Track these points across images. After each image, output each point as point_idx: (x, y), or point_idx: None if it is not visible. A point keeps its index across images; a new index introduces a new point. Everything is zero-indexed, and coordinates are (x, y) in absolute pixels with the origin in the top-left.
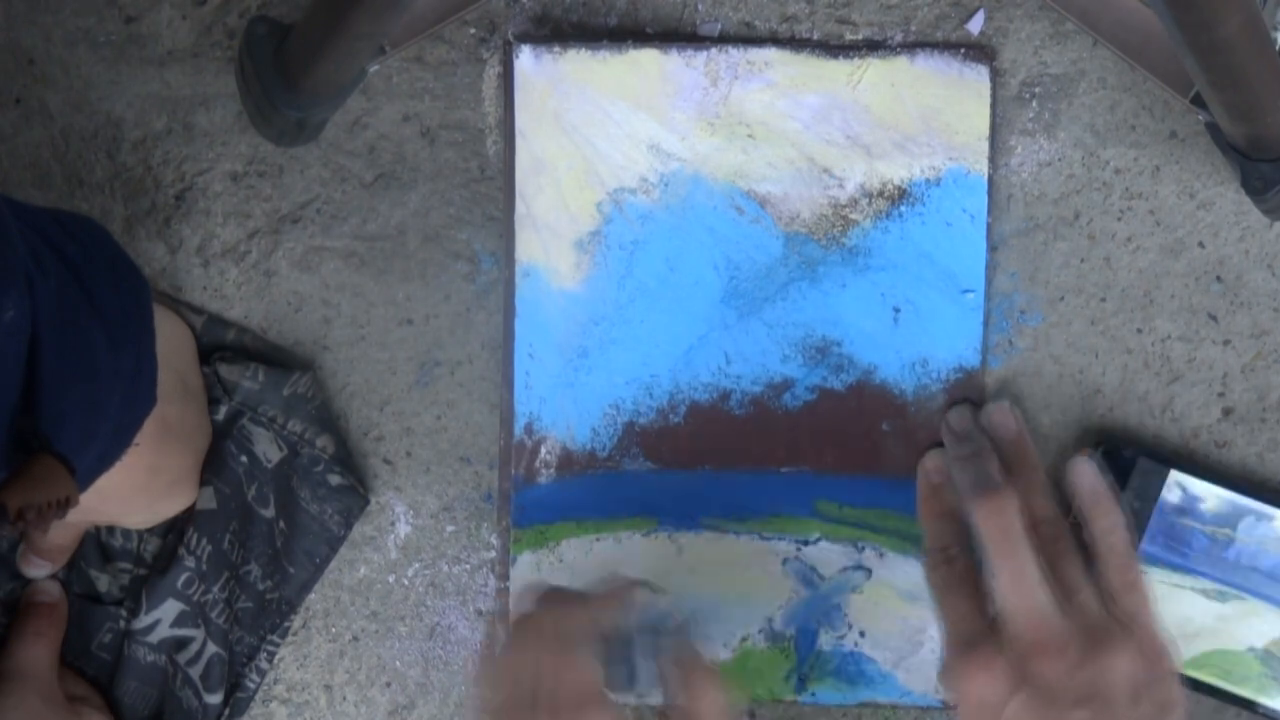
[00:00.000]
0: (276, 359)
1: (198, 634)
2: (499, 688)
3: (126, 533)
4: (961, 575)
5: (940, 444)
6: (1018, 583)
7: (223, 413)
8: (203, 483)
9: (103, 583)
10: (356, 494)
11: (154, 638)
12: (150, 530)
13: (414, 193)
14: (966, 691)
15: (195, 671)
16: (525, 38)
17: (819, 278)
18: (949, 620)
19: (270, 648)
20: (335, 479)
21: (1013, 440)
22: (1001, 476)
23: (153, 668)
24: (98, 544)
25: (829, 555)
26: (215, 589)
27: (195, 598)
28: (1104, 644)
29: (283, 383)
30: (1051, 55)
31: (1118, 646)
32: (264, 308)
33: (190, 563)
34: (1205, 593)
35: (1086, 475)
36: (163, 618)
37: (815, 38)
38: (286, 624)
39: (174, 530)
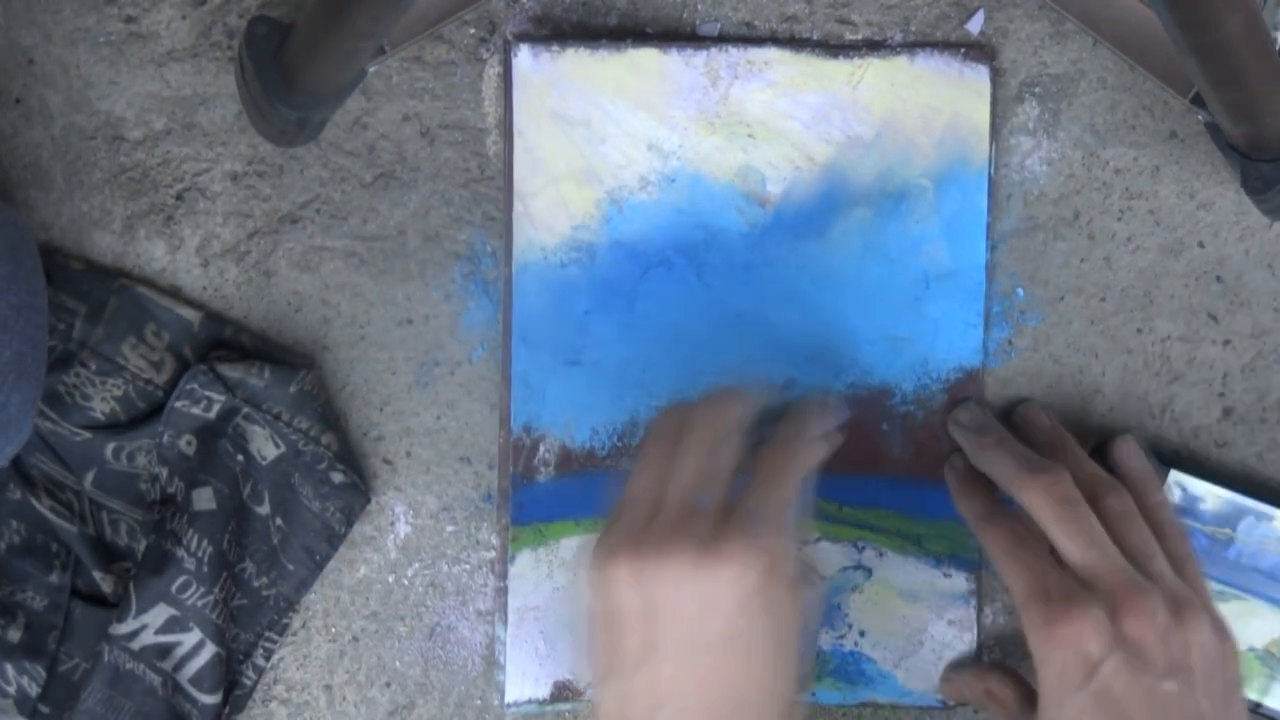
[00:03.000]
0: (275, 356)
1: (186, 638)
2: (637, 483)
3: (131, 530)
4: (1024, 533)
5: (956, 449)
6: (1091, 546)
7: (216, 410)
8: (201, 483)
9: (108, 584)
10: (359, 491)
11: (136, 644)
12: (142, 527)
13: (414, 193)
14: (1060, 640)
15: (185, 675)
16: (524, 37)
17: (818, 277)
18: (1026, 573)
19: (268, 644)
20: (338, 477)
21: (1048, 430)
22: (1039, 456)
23: (129, 677)
24: (101, 543)
25: (829, 555)
26: (215, 591)
27: (189, 601)
28: (1187, 614)
29: (289, 380)
30: (1051, 55)
31: (1199, 618)
32: (264, 308)
33: (190, 564)
34: None
35: (1134, 454)
36: (149, 623)
37: (815, 38)
38: (285, 621)
39: (161, 530)
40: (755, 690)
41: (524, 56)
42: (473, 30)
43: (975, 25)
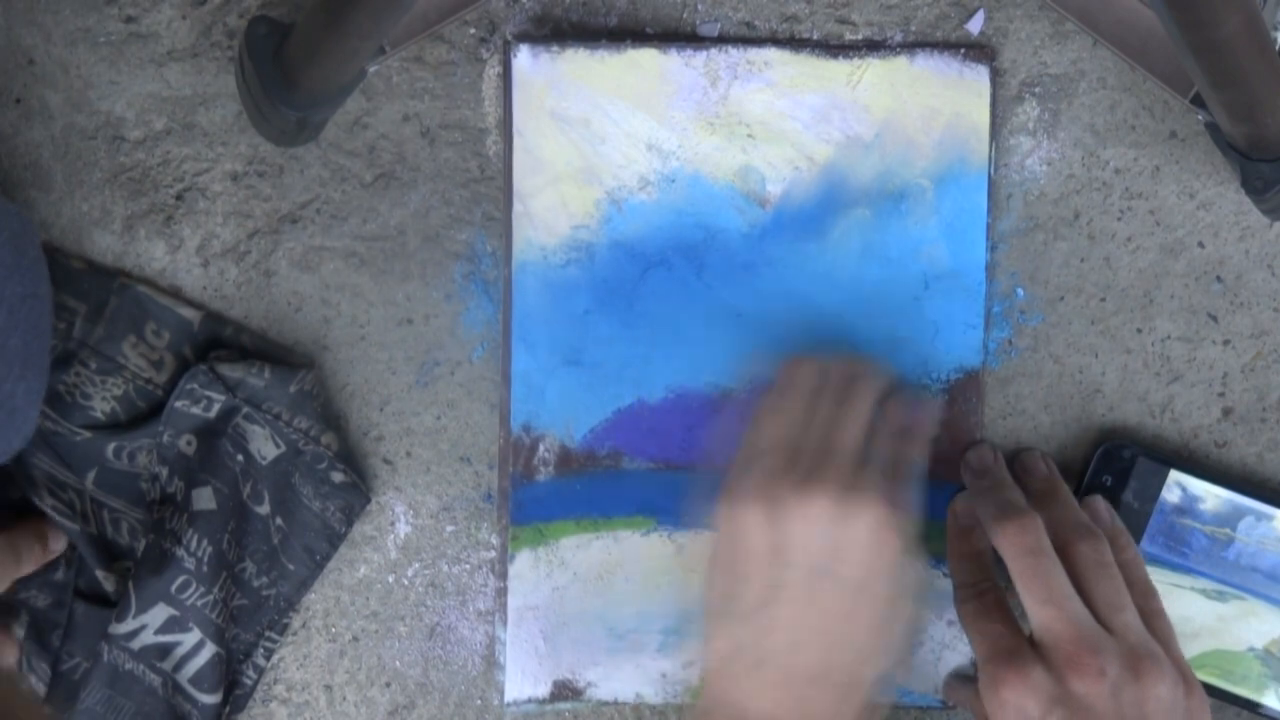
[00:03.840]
0: (275, 356)
1: (186, 638)
2: (773, 427)
3: (133, 530)
4: (994, 603)
5: (961, 488)
6: (1049, 597)
7: (216, 410)
8: (201, 483)
9: (110, 583)
10: (359, 491)
11: (136, 644)
12: (142, 527)
13: (414, 193)
14: (1003, 701)
15: (185, 675)
16: (524, 37)
17: (818, 277)
18: (984, 641)
19: (268, 644)
20: (338, 476)
21: (1043, 478)
22: (1025, 503)
23: (129, 677)
24: (103, 542)
25: None
26: (215, 591)
27: (189, 601)
28: (1145, 667)
29: (289, 380)
30: (1051, 55)
31: (1159, 672)
32: (264, 308)
33: (189, 564)
34: (1205, 593)
35: (1103, 510)
36: (149, 623)
37: (815, 38)
38: (285, 620)
39: (161, 530)
40: (869, 640)
41: (523, 57)
42: (473, 30)
43: (975, 25)
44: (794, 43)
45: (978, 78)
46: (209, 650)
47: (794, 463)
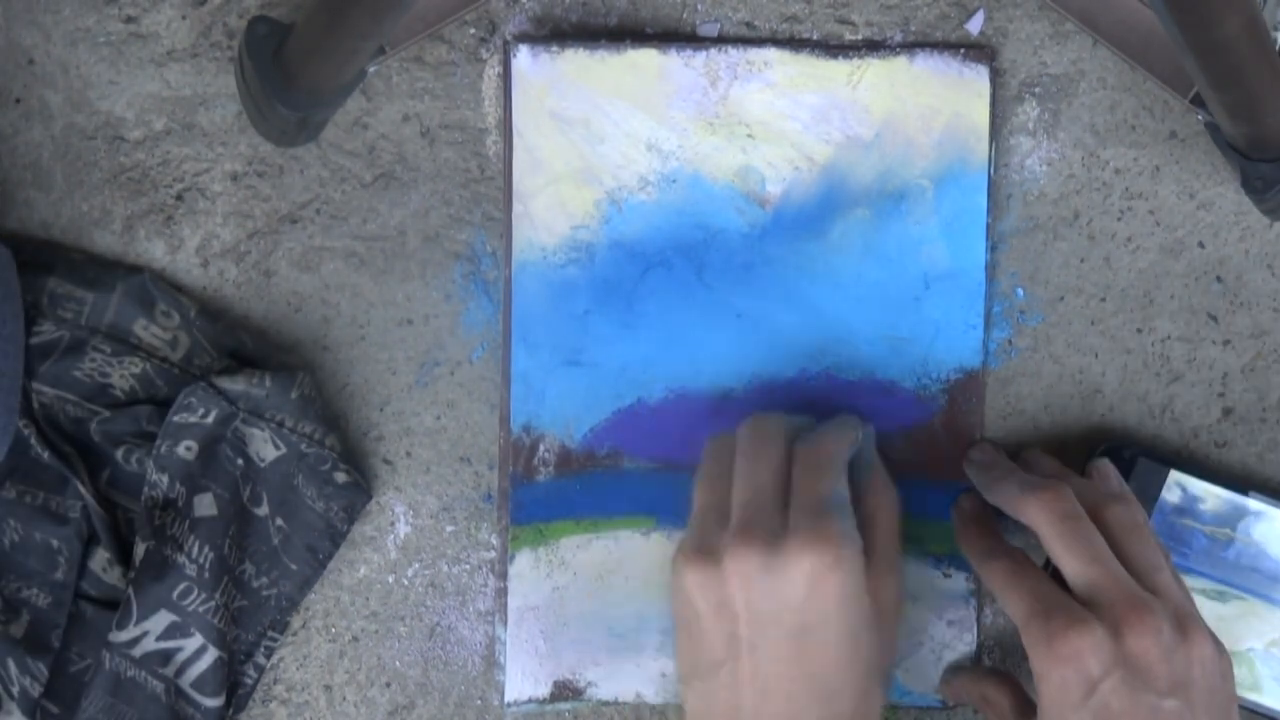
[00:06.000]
0: (266, 355)
1: (187, 644)
2: (701, 494)
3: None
4: (1025, 560)
5: (970, 488)
6: (1094, 557)
7: (214, 416)
8: (202, 489)
9: (115, 574)
10: (361, 490)
11: (137, 651)
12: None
13: (414, 193)
14: (1062, 657)
15: (188, 680)
16: (524, 38)
17: (818, 277)
18: (1026, 596)
19: (269, 644)
20: (342, 477)
21: (1054, 469)
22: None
23: (131, 684)
24: (117, 544)
25: None
26: (216, 596)
27: (190, 607)
28: (1191, 627)
29: (289, 386)
30: (1051, 55)
31: (1203, 631)
32: (264, 308)
33: (191, 570)
34: (1205, 593)
35: (1111, 476)
36: (150, 630)
37: (815, 38)
38: (287, 620)
39: (161, 536)
40: (834, 679)
41: (523, 57)
42: (473, 30)
43: (975, 25)
44: (794, 43)
45: (978, 78)
46: (211, 655)
47: (721, 522)
